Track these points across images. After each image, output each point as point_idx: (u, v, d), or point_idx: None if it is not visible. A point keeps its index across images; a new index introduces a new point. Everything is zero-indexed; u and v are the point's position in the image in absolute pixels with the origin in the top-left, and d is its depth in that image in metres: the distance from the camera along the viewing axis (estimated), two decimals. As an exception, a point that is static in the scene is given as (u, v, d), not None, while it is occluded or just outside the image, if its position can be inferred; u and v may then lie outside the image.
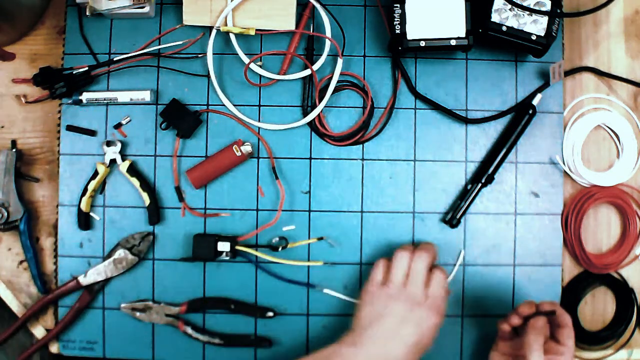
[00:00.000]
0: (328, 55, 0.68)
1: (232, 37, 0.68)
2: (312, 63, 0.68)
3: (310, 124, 0.69)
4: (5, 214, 0.67)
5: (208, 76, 0.69)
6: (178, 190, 0.68)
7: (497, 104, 0.70)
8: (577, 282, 0.70)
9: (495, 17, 0.64)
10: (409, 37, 0.64)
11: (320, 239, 0.68)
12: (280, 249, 0.67)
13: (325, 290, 0.67)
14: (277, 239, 0.68)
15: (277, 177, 0.67)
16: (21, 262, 0.70)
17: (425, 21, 0.64)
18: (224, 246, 0.66)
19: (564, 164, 0.70)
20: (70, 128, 0.68)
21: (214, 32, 0.67)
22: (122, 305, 0.67)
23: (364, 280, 0.67)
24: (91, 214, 0.68)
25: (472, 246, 0.69)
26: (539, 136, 0.70)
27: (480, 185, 0.68)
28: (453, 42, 0.64)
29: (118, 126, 0.68)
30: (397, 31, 0.64)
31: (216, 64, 0.69)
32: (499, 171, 0.68)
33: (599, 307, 0.71)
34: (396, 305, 0.59)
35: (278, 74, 0.68)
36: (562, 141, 0.70)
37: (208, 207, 0.68)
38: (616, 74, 0.71)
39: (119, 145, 0.67)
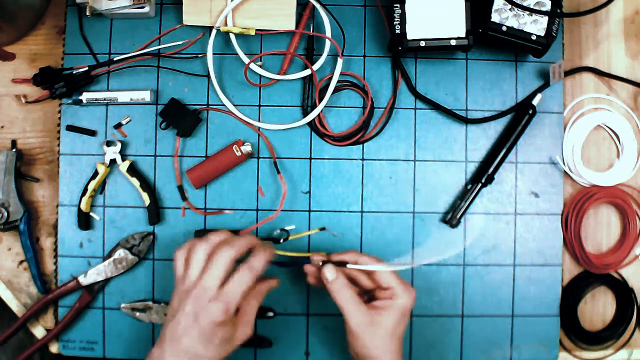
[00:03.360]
0: (328, 55, 0.68)
1: (232, 37, 0.68)
2: (312, 63, 0.68)
3: (310, 124, 0.69)
4: (5, 214, 0.67)
5: (208, 76, 0.69)
6: (181, 189, 0.68)
7: (497, 104, 0.70)
8: (577, 282, 0.70)
9: (495, 17, 0.64)
10: (409, 37, 0.64)
11: (322, 229, 0.68)
12: (282, 240, 0.67)
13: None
14: (279, 231, 0.68)
15: (278, 172, 0.67)
16: (21, 262, 0.70)
17: (425, 21, 0.64)
18: None
19: (564, 164, 0.70)
20: (70, 128, 0.68)
21: (214, 32, 0.67)
22: (122, 305, 0.67)
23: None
24: (91, 214, 0.68)
25: (472, 246, 0.69)
26: (539, 136, 0.70)
27: (480, 185, 0.68)
28: (453, 42, 0.64)
29: (118, 126, 0.68)
30: (397, 31, 0.64)
31: (216, 64, 0.69)
32: (499, 171, 0.68)
33: (599, 307, 0.71)
34: (188, 299, 0.54)
35: (278, 74, 0.68)
36: (562, 141, 0.70)
37: (208, 207, 0.68)
38: (616, 74, 0.71)
39: (119, 145, 0.67)
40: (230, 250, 0.54)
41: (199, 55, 0.68)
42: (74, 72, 0.67)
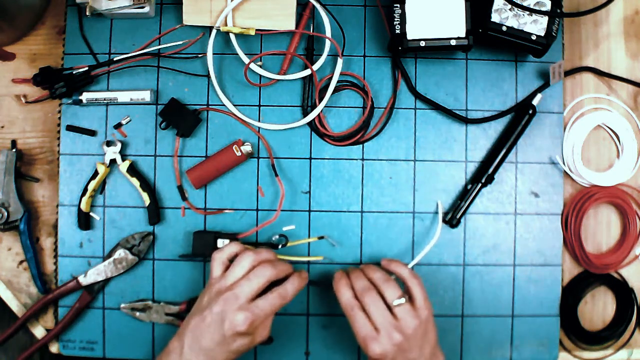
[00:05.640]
0: (328, 55, 0.68)
1: (232, 37, 0.68)
2: (312, 63, 0.68)
3: (310, 124, 0.69)
4: (5, 214, 0.67)
5: (208, 76, 0.69)
6: (181, 189, 0.68)
7: (497, 104, 0.70)
8: (577, 282, 0.70)
9: (495, 17, 0.64)
10: (409, 37, 0.64)
11: (321, 237, 0.68)
12: (280, 246, 0.67)
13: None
14: (277, 236, 0.68)
15: (276, 174, 0.67)
16: (21, 262, 0.70)
17: (425, 21, 0.64)
18: (223, 243, 0.66)
19: (564, 164, 0.70)
20: (70, 128, 0.68)
21: (214, 32, 0.67)
22: (122, 305, 0.67)
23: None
24: (91, 214, 0.68)
25: (472, 246, 0.69)
26: (539, 136, 0.70)
27: (480, 185, 0.68)
28: (453, 42, 0.64)
29: (118, 126, 0.68)
30: (397, 31, 0.64)
31: (216, 64, 0.69)
32: (499, 171, 0.68)
33: (599, 307, 0.71)
34: (219, 300, 0.55)
35: (278, 74, 0.68)
36: (562, 141, 0.70)
37: (208, 207, 0.68)
38: (616, 74, 0.71)
39: (119, 145, 0.67)
40: (272, 270, 0.57)
41: (199, 55, 0.68)
42: (74, 72, 0.67)
